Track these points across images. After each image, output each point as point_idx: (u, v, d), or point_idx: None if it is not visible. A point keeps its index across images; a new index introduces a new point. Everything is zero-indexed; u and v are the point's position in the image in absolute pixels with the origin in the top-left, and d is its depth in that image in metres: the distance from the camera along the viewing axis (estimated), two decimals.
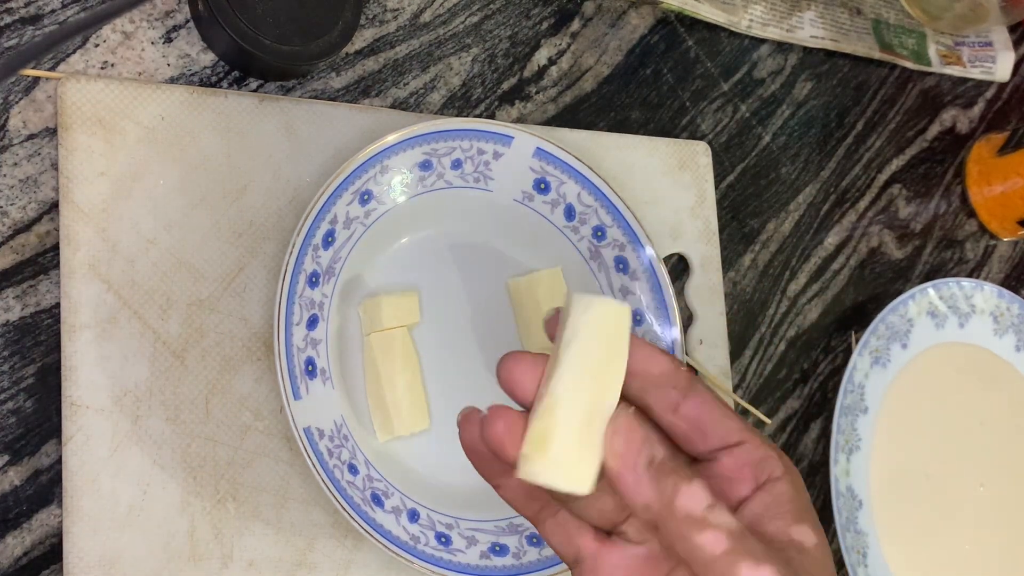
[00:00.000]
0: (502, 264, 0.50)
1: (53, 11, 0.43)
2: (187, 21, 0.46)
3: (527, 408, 0.29)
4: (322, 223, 0.44)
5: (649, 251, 0.50)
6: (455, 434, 0.47)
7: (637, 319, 0.51)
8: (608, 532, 0.32)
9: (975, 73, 0.70)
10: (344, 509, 0.42)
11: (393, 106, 0.50)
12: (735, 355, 0.58)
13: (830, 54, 0.65)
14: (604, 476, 0.28)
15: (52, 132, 0.42)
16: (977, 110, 0.70)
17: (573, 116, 0.55)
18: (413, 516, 0.44)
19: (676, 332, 0.50)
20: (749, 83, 0.61)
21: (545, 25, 0.55)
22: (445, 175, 0.48)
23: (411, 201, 0.47)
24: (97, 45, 0.44)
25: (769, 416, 0.58)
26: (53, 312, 0.41)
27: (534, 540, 0.46)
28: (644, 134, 0.56)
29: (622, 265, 0.51)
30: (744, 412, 0.57)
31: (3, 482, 0.40)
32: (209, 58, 0.46)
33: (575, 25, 0.56)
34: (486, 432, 0.28)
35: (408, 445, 0.46)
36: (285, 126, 0.46)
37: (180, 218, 0.43)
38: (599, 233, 0.50)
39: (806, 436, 0.59)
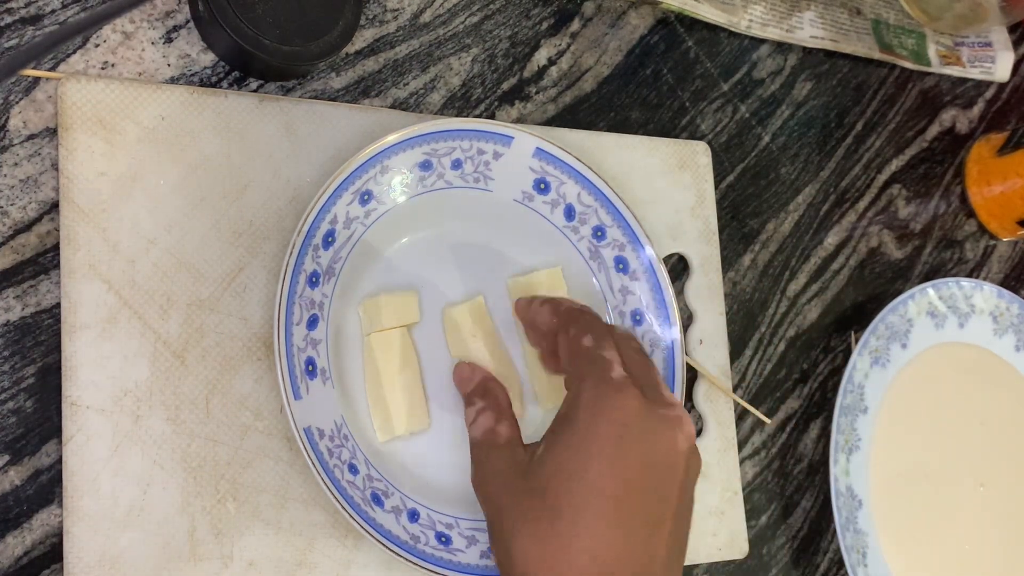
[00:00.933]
0: (502, 264, 0.50)
1: (53, 11, 0.44)
2: (187, 21, 0.46)
3: None
4: (322, 223, 0.44)
5: (649, 251, 0.50)
6: (455, 434, 0.47)
7: (637, 319, 0.51)
8: None
9: (975, 73, 0.70)
10: (344, 509, 0.42)
11: (393, 106, 0.50)
12: (735, 355, 0.58)
13: (830, 54, 0.65)
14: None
15: (52, 132, 0.43)
16: (977, 110, 0.71)
17: (573, 116, 0.55)
18: (413, 516, 0.44)
19: (676, 332, 0.50)
20: (749, 83, 0.61)
21: (545, 25, 0.55)
22: (445, 175, 0.48)
23: (411, 201, 0.47)
24: (97, 45, 0.44)
25: (769, 416, 0.58)
26: (53, 312, 0.41)
27: None
28: (644, 134, 0.56)
29: (622, 265, 0.51)
30: (744, 412, 0.57)
31: (3, 482, 0.40)
32: (209, 58, 0.46)
33: (575, 25, 0.56)
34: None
35: (408, 445, 0.46)
36: (285, 126, 0.46)
37: (180, 218, 0.43)
38: (599, 233, 0.50)
39: (806, 436, 0.59)
